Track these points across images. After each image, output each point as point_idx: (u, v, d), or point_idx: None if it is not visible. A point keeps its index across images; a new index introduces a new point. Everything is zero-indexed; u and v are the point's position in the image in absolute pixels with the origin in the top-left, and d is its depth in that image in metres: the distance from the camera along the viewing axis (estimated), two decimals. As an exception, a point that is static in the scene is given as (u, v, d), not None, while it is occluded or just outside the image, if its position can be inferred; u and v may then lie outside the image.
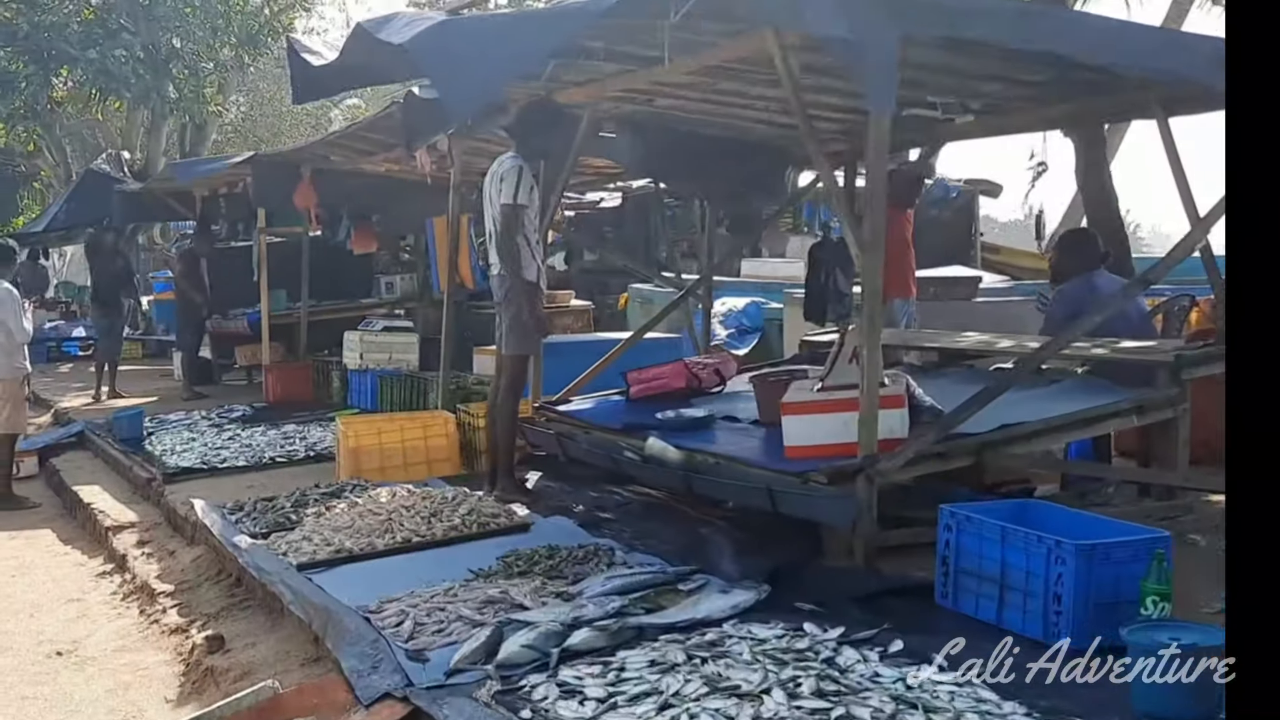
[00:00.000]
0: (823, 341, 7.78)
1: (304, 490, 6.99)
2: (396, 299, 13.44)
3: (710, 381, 6.75)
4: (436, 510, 6.08)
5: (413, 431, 7.52)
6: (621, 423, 6.23)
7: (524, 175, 6.55)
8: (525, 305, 6.57)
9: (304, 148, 11.58)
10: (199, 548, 6.97)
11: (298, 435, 9.62)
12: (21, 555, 7.99)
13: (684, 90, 6.94)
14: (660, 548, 5.40)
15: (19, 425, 9.43)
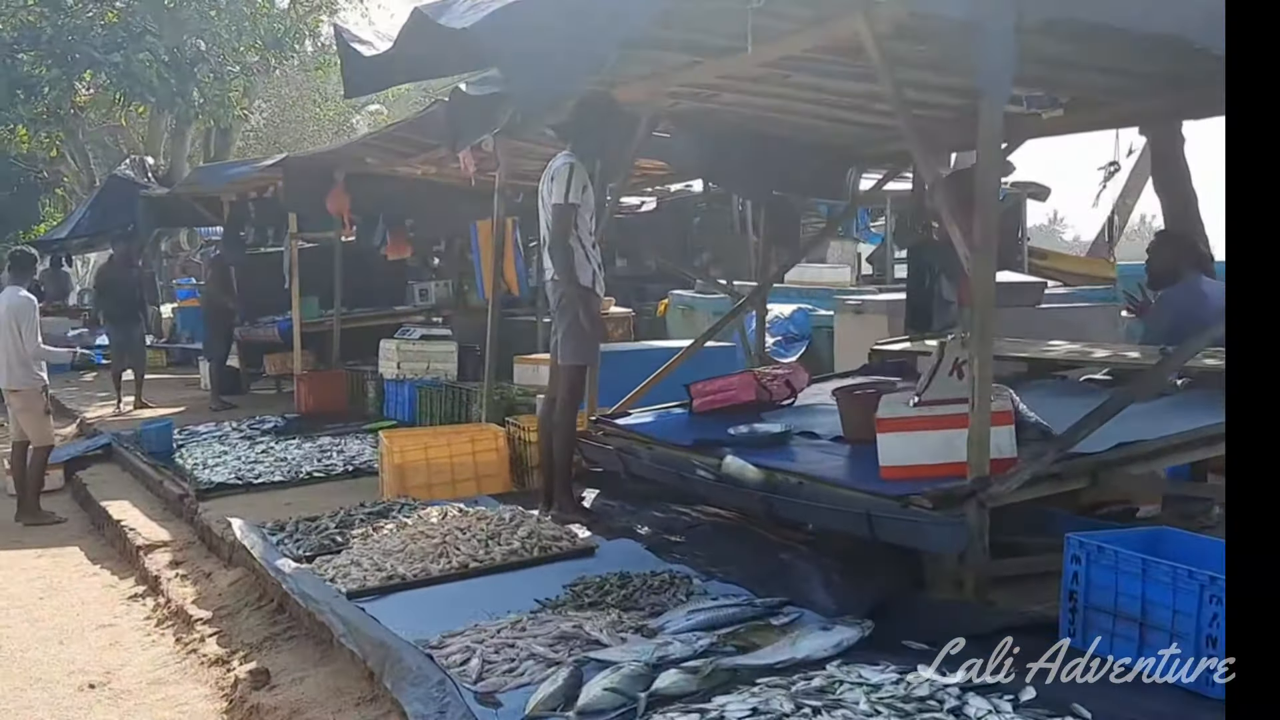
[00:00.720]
0: (895, 351, 7.38)
1: (348, 509, 6.60)
2: (431, 306, 13.05)
3: (781, 394, 6.34)
4: (494, 532, 5.67)
5: (461, 446, 7.12)
6: (691, 439, 5.81)
7: (576, 173, 6.17)
8: (580, 311, 6.18)
9: (338, 150, 11.22)
10: (237, 570, 6.59)
11: (334, 448, 9.24)
12: (49, 575, 7.64)
13: (751, 84, 6.54)
14: (740, 575, 4.98)
15: (47, 437, 9.08)
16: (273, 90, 30.48)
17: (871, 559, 4.87)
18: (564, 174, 6.16)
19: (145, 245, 17.19)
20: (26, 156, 27.91)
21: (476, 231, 8.82)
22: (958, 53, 5.21)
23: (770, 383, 6.30)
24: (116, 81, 19.19)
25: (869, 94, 6.57)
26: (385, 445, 7.22)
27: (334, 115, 37.08)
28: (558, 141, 8.41)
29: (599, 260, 6.34)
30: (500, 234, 8.12)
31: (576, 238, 6.20)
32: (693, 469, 5.54)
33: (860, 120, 7.32)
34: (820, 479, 4.97)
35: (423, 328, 10.84)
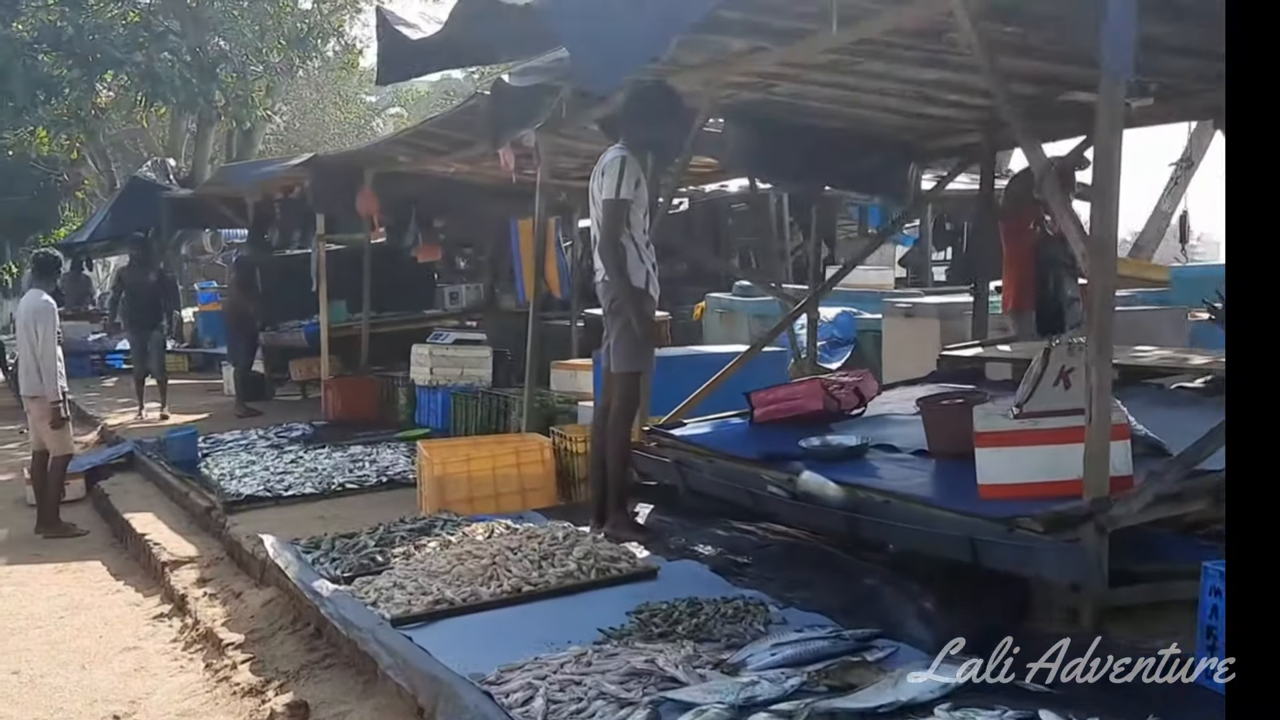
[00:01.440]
0: (966, 357, 6.96)
1: (388, 525, 6.20)
2: (461, 310, 12.67)
3: (849, 403, 5.92)
4: (547, 553, 5.27)
5: (504, 458, 6.72)
6: (759, 451, 5.39)
7: (628, 167, 5.77)
8: (633, 315, 5.78)
9: (368, 148, 10.85)
10: (269, 589, 6.19)
11: (366, 458, 8.86)
12: (70, 592, 7.27)
13: (814, 73, 6.16)
14: (821, 603, 4.57)
15: (66, 446, 8.73)
16: (293, 93, 30.16)
17: (964, 585, 4.45)
18: (615, 167, 5.77)
19: (166, 247, 16.84)
20: (47, 159, 27.66)
21: (517, 231, 8.43)
22: (1051, 33, 4.83)
23: (838, 391, 5.88)
24: (138, 82, 18.88)
25: (939, 82, 6.21)
26: (424, 456, 6.83)
27: (354, 119, 36.84)
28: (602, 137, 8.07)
29: (653, 260, 5.94)
30: (541, 233, 7.71)
31: (629, 236, 5.82)
32: (763, 485, 5.13)
33: (926, 112, 6.94)
34: (910, 498, 4.55)
35: (456, 331, 10.44)
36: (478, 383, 9.78)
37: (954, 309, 9.58)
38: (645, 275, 5.87)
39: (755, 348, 7.51)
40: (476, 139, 8.65)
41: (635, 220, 5.84)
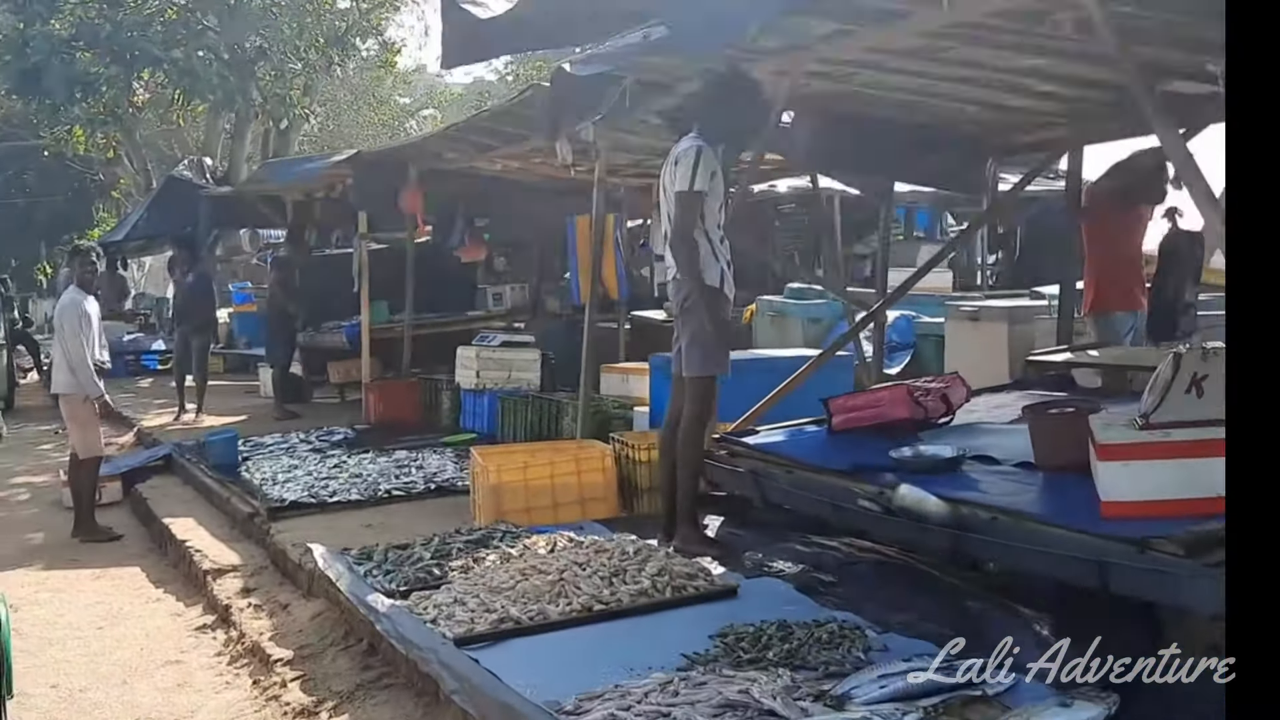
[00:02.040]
0: (1055, 362, 6.58)
1: (443, 536, 5.87)
2: (505, 311, 12.36)
3: (936, 411, 5.54)
4: (618, 568, 4.92)
5: (564, 466, 6.39)
6: (848, 462, 5.02)
7: (704, 157, 5.43)
8: (707, 315, 5.44)
9: (414, 144, 10.55)
10: (318, 601, 5.88)
11: (412, 464, 8.54)
12: (109, 600, 6.98)
13: (901, 61, 5.80)
14: (922, 628, 4.21)
15: (93, 448, 8.42)
16: (327, 94, 29.96)
17: (1080, 611, 4.08)
18: (690, 157, 5.43)
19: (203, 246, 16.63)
20: (83, 159, 27.61)
21: (574, 228, 8.09)
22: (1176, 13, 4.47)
23: (924, 398, 5.50)
24: (176, 79, 18.69)
25: (1031, 70, 5.84)
26: (479, 463, 6.50)
27: (387, 119, 36.70)
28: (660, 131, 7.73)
29: (728, 257, 5.59)
30: (599, 231, 7.37)
31: (702, 231, 5.48)
32: (852, 498, 4.76)
33: (1009, 104, 6.58)
34: (1023, 515, 4.17)
35: (503, 333, 10.11)
36: (526, 386, 9.46)
37: (1023, 313, 9.19)
38: (720, 273, 5.53)
39: (829, 351, 7.15)
40: (530, 133, 8.36)
41: (710, 214, 5.50)
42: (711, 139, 5.55)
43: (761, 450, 5.64)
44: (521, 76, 36.54)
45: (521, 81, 34.27)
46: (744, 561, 5.29)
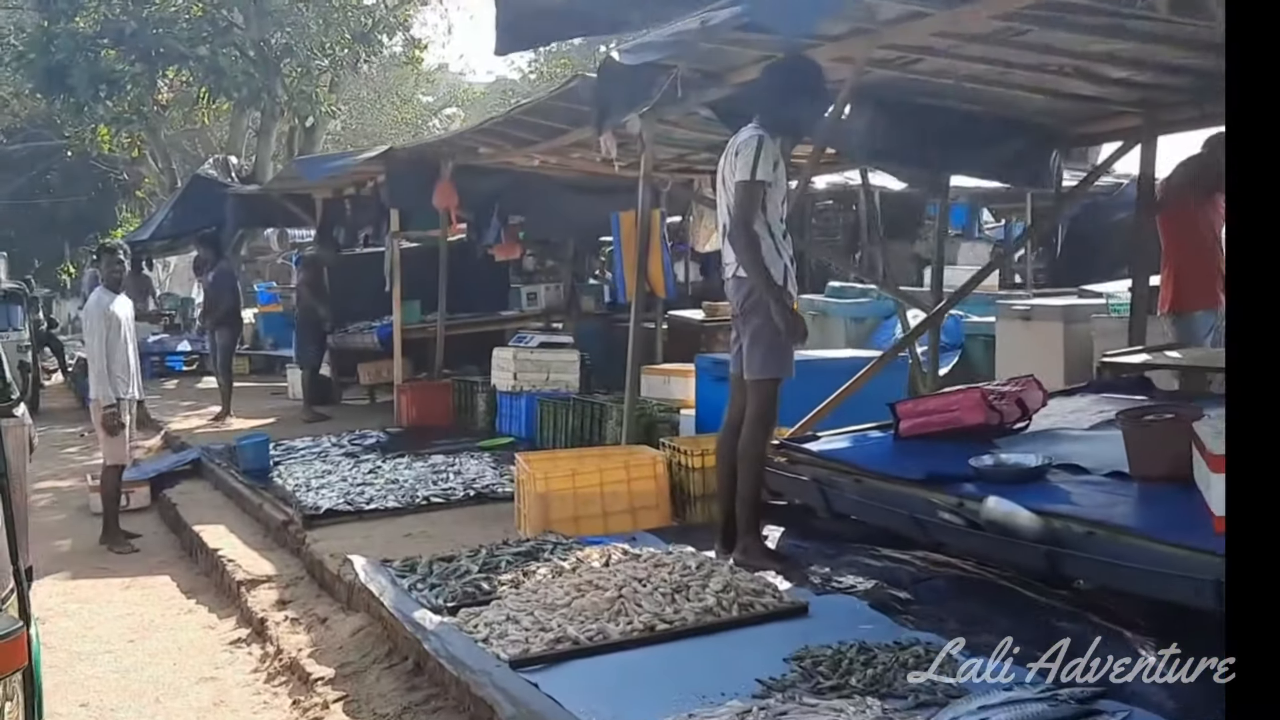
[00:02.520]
0: (1132, 364, 6.26)
1: (490, 548, 5.60)
2: (541, 311, 12.08)
3: (1011, 415, 5.24)
4: (680, 584, 4.63)
5: (614, 473, 6.10)
6: (923, 471, 4.72)
7: (765, 147, 5.14)
8: (772, 313, 5.14)
9: (448, 139, 10.28)
10: (358, 616, 5.62)
11: (449, 469, 8.26)
12: (139, 611, 6.74)
13: (973, 46, 5.50)
14: (1014, 650, 3.90)
15: (118, 456, 8.16)
16: (351, 92, 29.77)
17: (1178, 627, 3.77)
18: (751, 146, 5.15)
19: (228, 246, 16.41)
20: (107, 158, 27.48)
21: (618, 224, 7.81)
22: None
23: (999, 402, 5.20)
24: (201, 76, 18.49)
25: (1108, 55, 5.52)
26: (524, 470, 6.22)
27: (410, 118, 36.52)
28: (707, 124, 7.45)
29: (791, 253, 5.30)
30: (645, 227, 7.08)
31: (764, 224, 5.19)
32: (931, 510, 4.46)
33: (1080, 91, 6.27)
34: (1125, 530, 3.87)
35: (541, 334, 9.83)
36: (565, 388, 9.18)
37: (1078, 311, 8.88)
38: (783, 270, 5.24)
39: (891, 352, 6.85)
40: (570, 126, 8.09)
41: (771, 208, 5.22)
42: (772, 129, 5.27)
43: (825, 457, 5.36)
44: (545, 74, 36.39)
45: (546, 79, 34.10)
46: (809, 576, 4.99)
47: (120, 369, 7.87)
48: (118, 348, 7.87)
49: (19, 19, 21.14)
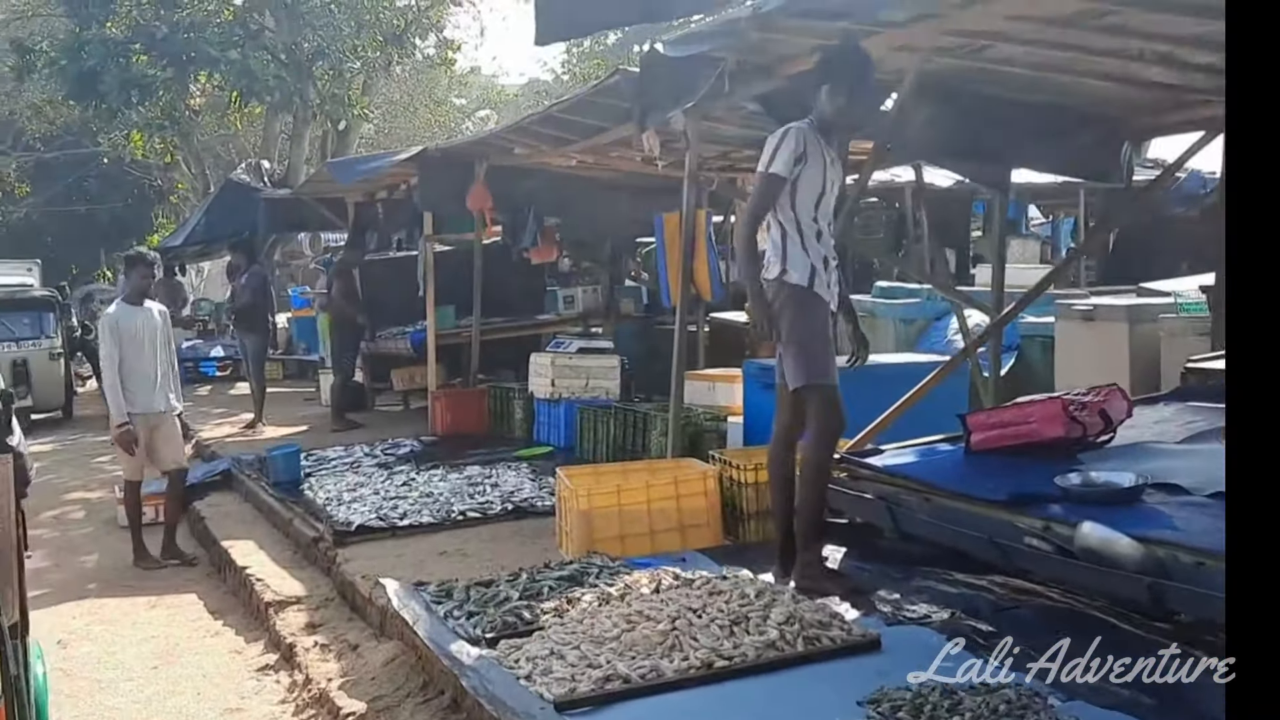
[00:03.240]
0: (1221, 370, 5.82)
1: (531, 571, 5.24)
2: (577, 315, 11.73)
3: (1094, 428, 4.83)
4: (739, 615, 4.26)
5: (662, 489, 5.73)
6: (1004, 491, 4.33)
7: (788, 141, 4.84)
8: (794, 318, 4.79)
9: (482, 138, 9.95)
10: (391, 644, 5.28)
11: (486, 481, 7.92)
12: (163, 634, 6.44)
13: (1051, 30, 5.09)
14: (1118, 694, 3.51)
15: (131, 471, 7.86)
16: (383, 96, 29.53)
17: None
18: (775, 139, 4.90)
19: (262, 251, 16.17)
20: (140, 164, 27.40)
21: (662, 226, 7.45)
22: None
23: (1080, 413, 4.79)
24: (233, 80, 18.26)
25: (1197, 39, 5.10)
26: (566, 486, 5.87)
27: (445, 120, 36.27)
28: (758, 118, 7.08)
29: (825, 254, 4.93)
30: (690, 228, 6.72)
31: (792, 221, 4.89)
32: (1015, 534, 4.07)
33: (1162, 79, 5.84)
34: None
35: (579, 338, 9.47)
36: (605, 395, 8.83)
37: (1145, 311, 8.43)
38: (809, 271, 4.87)
39: (958, 358, 6.45)
40: (609, 124, 7.74)
41: (802, 205, 4.89)
42: (821, 124, 4.92)
43: (892, 473, 4.97)
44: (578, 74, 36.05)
45: (579, 79, 33.77)
46: (876, 603, 4.61)
47: (138, 382, 7.57)
48: (139, 361, 7.57)
49: (51, 26, 21.03)
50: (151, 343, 7.66)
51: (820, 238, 4.95)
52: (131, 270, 7.94)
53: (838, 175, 5.05)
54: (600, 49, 38.05)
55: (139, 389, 7.55)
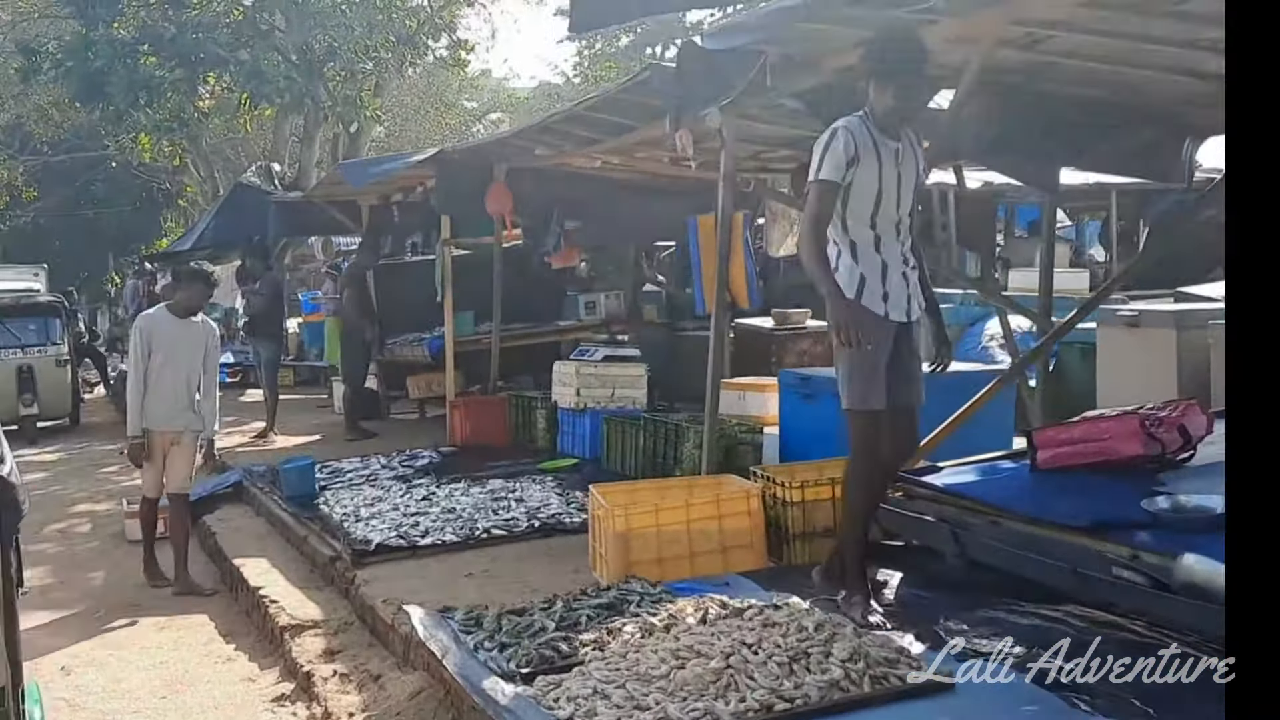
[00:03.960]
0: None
1: (568, 600, 4.90)
2: (600, 321, 11.39)
3: (1173, 444, 4.49)
4: (798, 650, 3.92)
5: (703, 509, 5.39)
6: (1087, 517, 3.98)
7: (835, 142, 4.49)
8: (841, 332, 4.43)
9: (501, 138, 9.61)
10: (416, 675, 4.95)
11: (510, 495, 7.58)
12: (174, 660, 6.12)
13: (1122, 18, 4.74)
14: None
15: (146, 487, 7.50)
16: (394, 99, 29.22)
17: None
18: (823, 141, 4.54)
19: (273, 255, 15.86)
20: (148, 168, 27.13)
21: (695, 229, 7.10)
22: None
23: (1157, 430, 4.45)
24: (242, 81, 17.94)
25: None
26: (600, 505, 5.52)
27: (455, 123, 35.99)
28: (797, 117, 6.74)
29: (887, 261, 4.55)
30: (726, 232, 6.38)
31: (840, 230, 4.55)
32: (1101, 564, 3.73)
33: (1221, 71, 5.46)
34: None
35: (605, 346, 9.13)
36: (632, 405, 8.49)
37: (1194, 317, 8.06)
38: (858, 282, 4.52)
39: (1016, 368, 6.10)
40: (638, 123, 7.41)
41: (854, 211, 4.55)
42: (879, 117, 4.56)
43: (953, 493, 4.63)
44: (590, 77, 35.73)
45: (590, 83, 33.46)
46: (942, 634, 4.26)
47: (161, 396, 7.22)
48: (165, 373, 7.22)
49: (58, 28, 20.74)
50: (189, 359, 7.28)
51: (880, 245, 4.57)
52: (189, 285, 7.48)
53: (909, 171, 4.64)
54: (612, 50, 37.77)
55: (159, 403, 7.21)
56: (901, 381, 4.56)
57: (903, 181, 4.60)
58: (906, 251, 4.67)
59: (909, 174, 4.62)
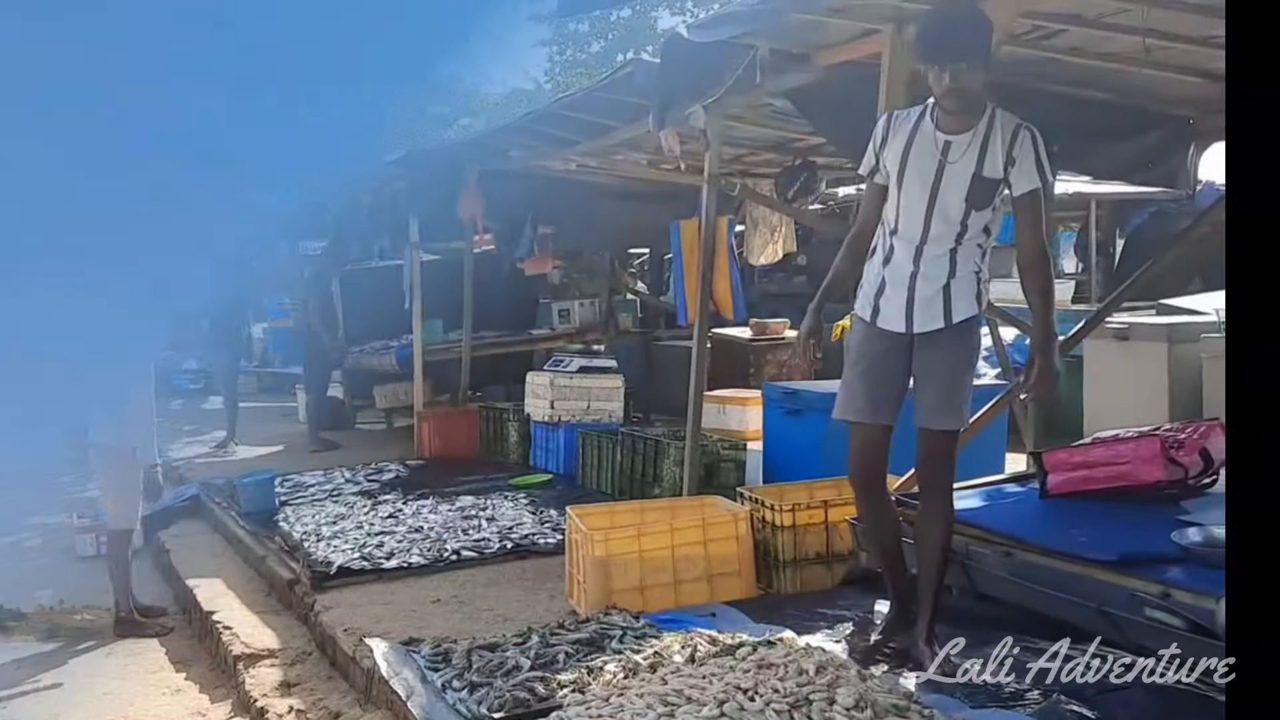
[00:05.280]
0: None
1: (544, 634, 4.54)
2: (574, 330, 11.03)
3: (1195, 468, 4.19)
4: (798, 697, 3.57)
5: (688, 534, 5.04)
6: (1115, 551, 3.65)
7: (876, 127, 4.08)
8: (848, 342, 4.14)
9: (475, 139, 9.26)
10: (377, 713, 4.57)
11: (480, 513, 7.20)
12: (118, 691, 5.70)
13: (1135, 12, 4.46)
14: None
15: None
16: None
17: None
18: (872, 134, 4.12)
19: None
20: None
21: (678, 234, 6.77)
22: None
23: (1178, 453, 4.14)
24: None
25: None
26: (578, 529, 5.16)
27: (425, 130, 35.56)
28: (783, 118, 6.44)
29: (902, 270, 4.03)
30: (710, 237, 6.05)
31: None
32: (1131, 604, 3.40)
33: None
34: None
35: (581, 356, 8.77)
36: (608, 418, 8.14)
37: (1186, 330, 7.83)
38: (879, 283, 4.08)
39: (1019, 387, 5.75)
40: (618, 123, 7.08)
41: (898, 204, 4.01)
42: (955, 108, 3.98)
43: (959, 519, 4.28)
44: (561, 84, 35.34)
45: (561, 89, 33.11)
46: (945, 670, 3.92)
47: None
48: None
49: None
50: None
51: (893, 254, 4.04)
52: None
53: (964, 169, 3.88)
54: (584, 57, 37.41)
55: None
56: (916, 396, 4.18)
57: (946, 177, 3.91)
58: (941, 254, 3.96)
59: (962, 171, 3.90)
